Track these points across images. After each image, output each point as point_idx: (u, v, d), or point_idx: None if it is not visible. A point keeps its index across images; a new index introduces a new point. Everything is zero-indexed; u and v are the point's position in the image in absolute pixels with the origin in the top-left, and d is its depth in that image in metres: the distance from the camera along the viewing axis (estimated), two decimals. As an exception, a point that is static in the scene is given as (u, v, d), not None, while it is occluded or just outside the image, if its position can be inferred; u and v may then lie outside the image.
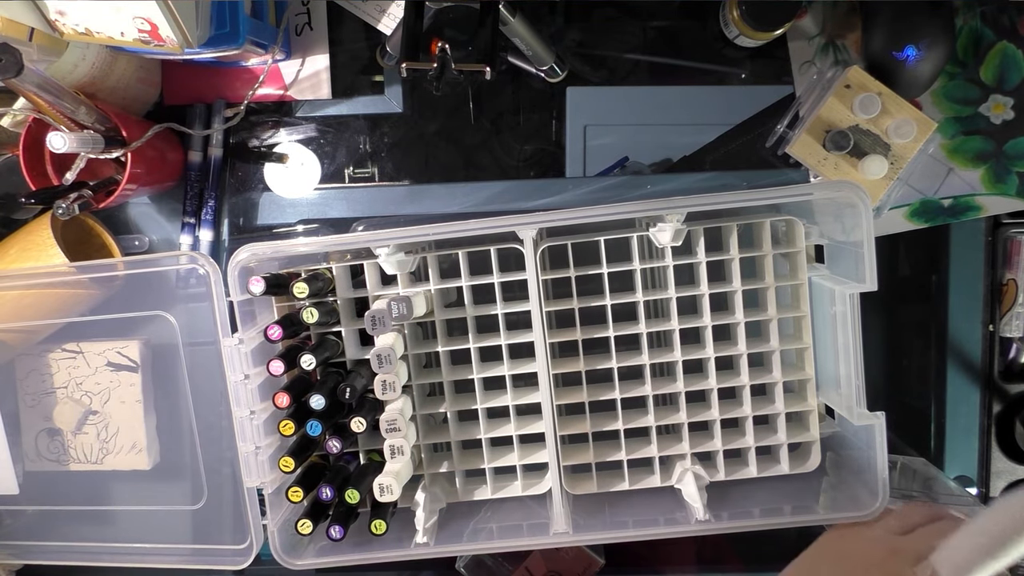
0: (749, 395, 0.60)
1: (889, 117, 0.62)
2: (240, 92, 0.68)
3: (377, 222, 0.70)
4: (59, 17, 0.52)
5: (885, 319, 0.70)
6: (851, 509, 0.56)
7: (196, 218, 0.69)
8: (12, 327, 0.64)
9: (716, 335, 0.59)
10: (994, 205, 0.67)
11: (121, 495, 0.68)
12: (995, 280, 0.68)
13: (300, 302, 0.57)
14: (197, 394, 0.63)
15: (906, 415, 0.70)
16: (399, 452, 0.56)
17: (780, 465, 0.61)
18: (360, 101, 0.70)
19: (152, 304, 0.63)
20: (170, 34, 0.52)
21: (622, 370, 0.60)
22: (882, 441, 0.54)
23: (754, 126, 0.68)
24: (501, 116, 0.69)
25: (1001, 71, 0.66)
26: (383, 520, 0.56)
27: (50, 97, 0.54)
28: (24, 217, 0.68)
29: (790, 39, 0.67)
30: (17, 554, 0.66)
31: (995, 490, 0.70)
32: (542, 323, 0.57)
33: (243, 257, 0.55)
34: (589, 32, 0.68)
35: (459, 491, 0.62)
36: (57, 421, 0.67)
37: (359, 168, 0.70)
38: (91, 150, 0.58)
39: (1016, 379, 0.69)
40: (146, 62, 0.66)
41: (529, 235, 0.55)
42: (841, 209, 0.55)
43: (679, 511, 0.59)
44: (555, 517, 0.58)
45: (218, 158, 0.69)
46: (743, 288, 0.58)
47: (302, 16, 0.68)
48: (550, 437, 0.58)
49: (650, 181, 0.69)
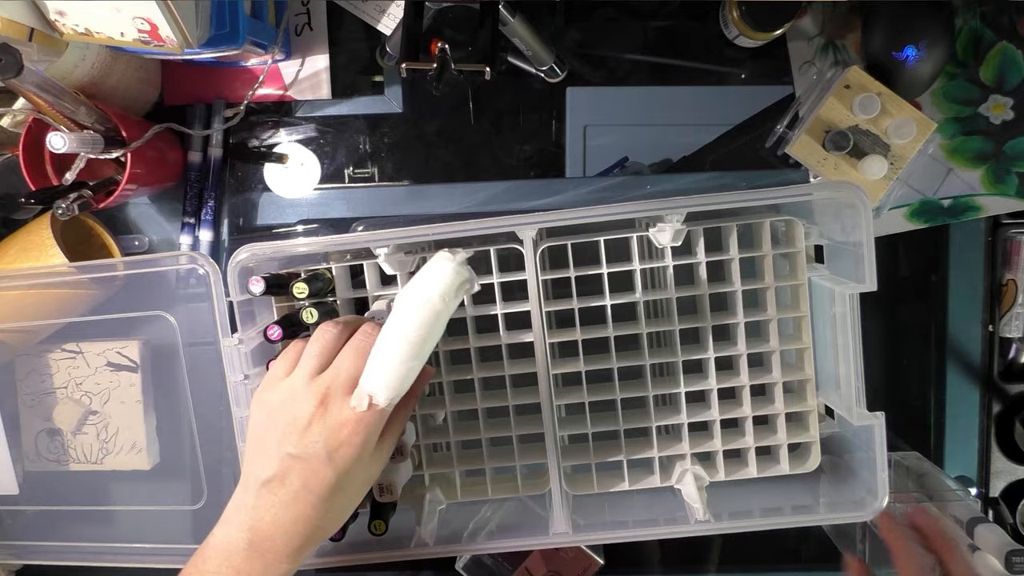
0: (749, 395, 0.60)
1: (889, 117, 0.62)
2: (240, 92, 0.68)
3: (377, 222, 0.70)
4: (59, 17, 0.52)
5: (885, 319, 0.70)
6: (851, 509, 0.56)
7: (196, 218, 0.69)
8: (12, 327, 0.64)
9: (716, 335, 0.59)
10: (994, 205, 0.67)
11: (121, 495, 0.68)
12: (995, 280, 0.68)
13: (300, 302, 0.57)
14: (197, 394, 0.63)
15: (906, 415, 0.70)
16: (399, 452, 0.56)
17: (780, 465, 0.61)
18: (360, 101, 0.70)
19: (152, 304, 0.63)
20: (170, 34, 0.52)
21: (622, 370, 0.60)
22: (882, 441, 0.54)
23: (754, 126, 0.68)
24: (501, 116, 0.69)
25: (1001, 71, 0.66)
26: (383, 520, 0.56)
27: (50, 97, 0.54)
28: (24, 217, 0.68)
29: (790, 39, 0.67)
30: (17, 554, 0.66)
31: (995, 490, 0.70)
32: (542, 323, 0.57)
33: (243, 257, 0.55)
34: (589, 32, 0.68)
35: (459, 491, 0.62)
36: (57, 421, 0.67)
37: (359, 168, 0.70)
38: (91, 150, 0.58)
39: (1016, 379, 0.69)
40: (146, 62, 0.66)
41: (529, 235, 0.55)
42: (841, 209, 0.55)
43: (679, 511, 0.59)
44: (555, 517, 0.58)
45: (218, 158, 0.69)
46: (743, 288, 0.58)
47: (302, 16, 0.68)
48: (550, 437, 0.58)
49: (650, 181, 0.69)
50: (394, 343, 0.42)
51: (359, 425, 0.43)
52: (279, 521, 0.44)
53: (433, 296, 0.41)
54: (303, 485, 0.44)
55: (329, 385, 0.44)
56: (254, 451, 0.46)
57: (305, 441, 0.44)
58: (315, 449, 0.43)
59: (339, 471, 0.44)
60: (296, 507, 0.44)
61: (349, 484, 0.45)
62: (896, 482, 0.64)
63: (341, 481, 0.44)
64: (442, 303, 0.41)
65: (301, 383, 0.45)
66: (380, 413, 0.44)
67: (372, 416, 0.43)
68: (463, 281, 0.42)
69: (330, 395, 0.44)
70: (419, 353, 0.42)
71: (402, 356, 0.42)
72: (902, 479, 0.64)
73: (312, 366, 0.45)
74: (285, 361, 0.48)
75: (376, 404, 0.43)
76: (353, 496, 0.47)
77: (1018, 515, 0.69)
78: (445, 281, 0.40)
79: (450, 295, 0.41)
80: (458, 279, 0.41)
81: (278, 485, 0.44)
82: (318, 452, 0.43)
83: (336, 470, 0.43)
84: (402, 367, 0.42)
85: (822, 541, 0.71)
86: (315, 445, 0.43)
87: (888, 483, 0.54)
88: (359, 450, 0.44)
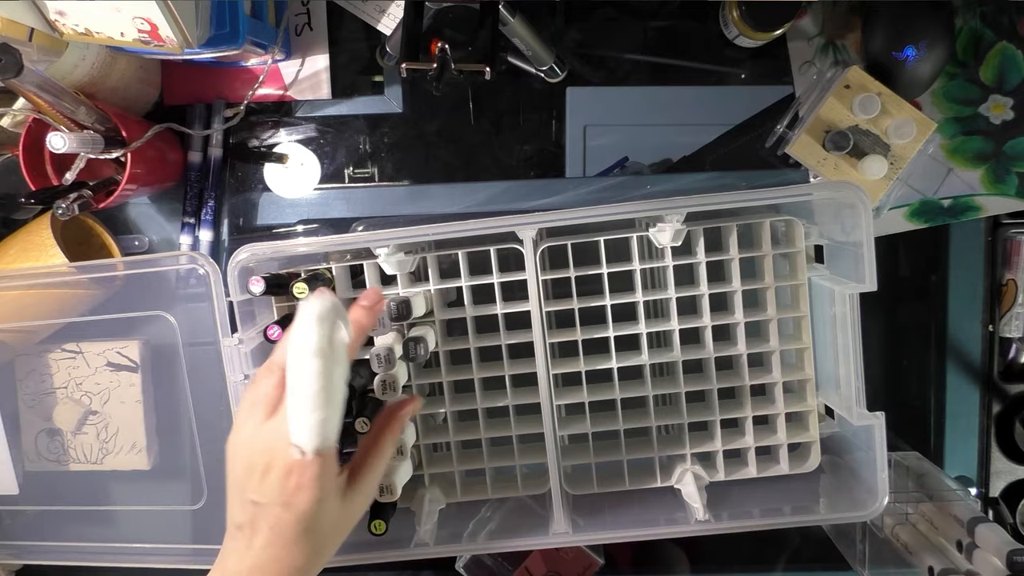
0: (749, 395, 0.60)
1: (889, 117, 0.62)
2: (240, 92, 0.68)
3: (377, 222, 0.70)
4: (59, 17, 0.52)
5: (885, 319, 0.70)
6: (851, 509, 0.56)
7: (196, 218, 0.69)
8: (12, 327, 0.64)
9: (716, 335, 0.59)
10: (994, 205, 0.67)
11: (121, 495, 0.68)
12: (995, 280, 0.68)
13: (300, 302, 0.57)
14: (197, 394, 0.63)
15: (906, 415, 0.70)
16: (399, 452, 0.56)
17: (780, 465, 0.61)
18: (360, 101, 0.70)
19: (152, 304, 0.63)
20: (170, 34, 0.52)
21: (622, 370, 0.60)
22: (882, 441, 0.54)
23: (754, 126, 0.68)
24: (501, 116, 0.69)
25: (1001, 71, 0.66)
26: (383, 520, 0.56)
27: (50, 97, 0.54)
28: (24, 217, 0.68)
29: (790, 39, 0.67)
30: (17, 554, 0.66)
31: (995, 490, 0.70)
32: (542, 323, 0.57)
33: (243, 257, 0.55)
34: (589, 32, 0.68)
35: (459, 491, 0.62)
36: (57, 421, 0.67)
37: (359, 168, 0.70)
38: (91, 150, 0.58)
39: (1016, 379, 0.69)
40: (146, 62, 0.66)
41: (529, 235, 0.55)
42: (841, 209, 0.55)
43: (679, 511, 0.59)
44: (555, 517, 0.58)
45: (218, 158, 0.69)
46: (743, 288, 0.58)
47: (302, 16, 0.68)
48: (550, 437, 0.58)
49: (650, 181, 0.69)
50: (296, 399, 0.42)
51: (305, 470, 0.43)
52: (258, 564, 0.44)
53: (306, 355, 0.41)
54: (270, 529, 0.44)
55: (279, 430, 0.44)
56: (229, 496, 0.46)
57: (263, 488, 0.43)
58: (272, 495, 0.43)
59: (300, 515, 0.43)
60: (269, 552, 0.44)
61: (317, 527, 0.44)
62: (896, 482, 0.64)
63: (307, 524, 0.44)
64: (320, 358, 0.41)
65: (256, 426, 0.45)
66: (320, 459, 0.43)
67: (313, 463, 0.43)
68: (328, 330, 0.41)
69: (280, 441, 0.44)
70: (327, 402, 0.42)
71: (309, 408, 0.42)
72: (902, 479, 0.64)
73: (265, 411, 0.45)
74: (248, 403, 0.47)
75: (305, 453, 0.43)
76: (330, 535, 0.46)
77: (1018, 515, 0.69)
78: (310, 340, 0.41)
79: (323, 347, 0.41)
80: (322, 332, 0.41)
81: (250, 531, 0.44)
82: (275, 498, 0.43)
83: (296, 515, 0.43)
84: (313, 417, 0.42)
85: (822, 541, 0.71)
86: (272, 492, 0.43)
87: (888, 483, 0.54)
88: (315, 493, 0.43)
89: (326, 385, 0.41)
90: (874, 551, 0.64)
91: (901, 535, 0.62)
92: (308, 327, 0.41)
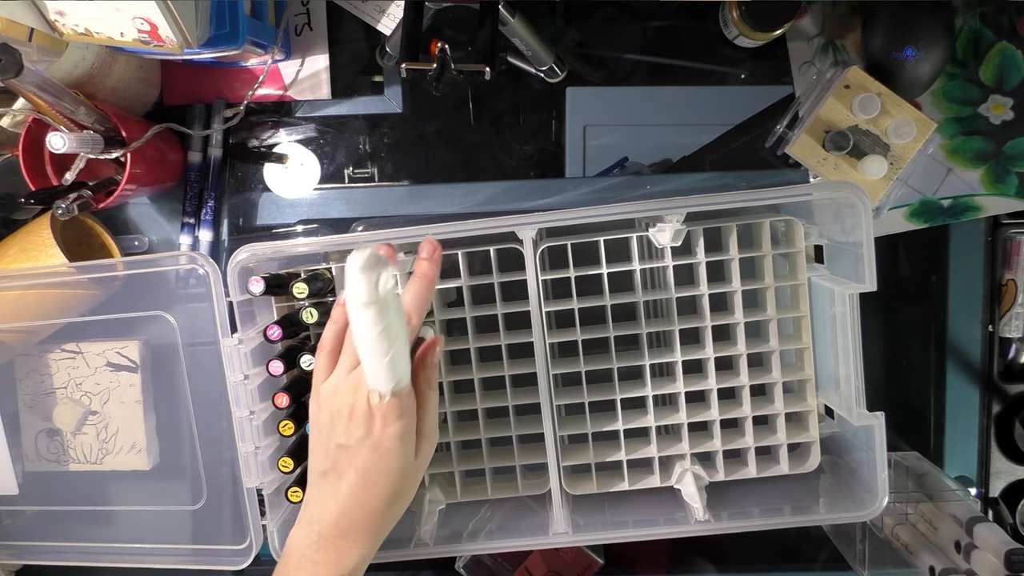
0: (749, 395, 0.60)
1: (889, 117, 0.62)
2: (240, 92, 0.68)
3: (377, 222, 0.70)
4: (59, 17, 0.52)
5: (885, 319, 0.70)
6: (851, 509, 0.56)
7: (196, 218, 0.69)
8: (12, 327, 0.64)
9: (716, 335, 0.59)
10: (994, 205, 0.67)
11: (121, 495, 0.68)
12: (995, 280, 0.68)
13: (300, 302, 0.57)
14: (197, 394, 0.63)
15: (906, 415, 0.70)
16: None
17: (780, 465, 0.61)
18: (360, 101, 0.70)
19: (152, 304, 0.63)
20: (170, 34, 0.52)
21: (622, 370, 0.60)
22: (881, 441, 0.54)
23: (754, 126, 0.68)
24: (501, 116, 0.69)
25: (1001, 71, 0.66)
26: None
27: (50, 97, 0.54)
28: (24, 217, 0.68)
29: (790, 39, 0.67)
30: (17, 554, 0.66)
31: (995, 490, 0.70)
32: (542, 323, 0.57)
33: (243, 257, 0.55)
34: (589, 32, 0.68)
35: (459, 491, 0.62)
36: (57, 421, 0.67)
37: (359, 168, 0.70)
38: (91, 150, 0.58)
39: (1016, 379, 0.69)
40: (146, 62, 0.66)
41: (529, 235, 0.55)
42: (841, 209, 0.55)
43: (679, 511, 0.59)
44: (555, 517, 0.58)
45: (218, 158, 0.69)
46: (743, 288, 0.58)
47: (302, 16, 0.68)
48: (550, 437, 0.58)
49: (650, 181, 0.69)
50: (362, 349, 0.44)
51: (388, 412, 0.45)
52: (343, 509, 0.47)
53: (357, 306, 0.43)
54: (356, 473, 0.46)
55: (361, 378, 0.47)
56: (312, 445, 0.49)
57: (349, 431, 0.46)
58: (358, 436, 0.46)
59: (384, 454, 0.46)
60: (354, 494, 0.47)
61: (399, 467, 0.47)
62: (896, 482, 0.64)
63: (390, 464, 0.46)
64: (372, 307, 0.42)
65: (342, 377, 0.48)
66: (397, 400, 0.46)
67: (391, 403, 0.45)
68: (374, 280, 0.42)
69: (362, 387, 0.46)
70: (389, 345, 0.44)
71: (376, 355, 0.44)
72: (902, 479, 0.64)
73: (349, 362, 0.48)
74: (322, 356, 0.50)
75: (383, 396, 0.45)
76: (408, 481, 0.49)
77: (1018, 515, 0.69)
78: (359, 292, 0.42)
79: (371, 296, 0.42)
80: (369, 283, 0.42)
81: (335, 476, 0.47)
82: (362, 440, 0.46)
83: (381, 454, 0.46)
84: (381, 363, 0.44)
85: (822, 541, 0.71)
86: (358, 433, 0.46)
87: (888, 483, 0.54)
88: (398, 429, 0.46)
89: (384, 330, 0.43)
90: (874, 551, 0.64)
91: (901, 535, 0.62)
92: (355, 280, 0.42)
